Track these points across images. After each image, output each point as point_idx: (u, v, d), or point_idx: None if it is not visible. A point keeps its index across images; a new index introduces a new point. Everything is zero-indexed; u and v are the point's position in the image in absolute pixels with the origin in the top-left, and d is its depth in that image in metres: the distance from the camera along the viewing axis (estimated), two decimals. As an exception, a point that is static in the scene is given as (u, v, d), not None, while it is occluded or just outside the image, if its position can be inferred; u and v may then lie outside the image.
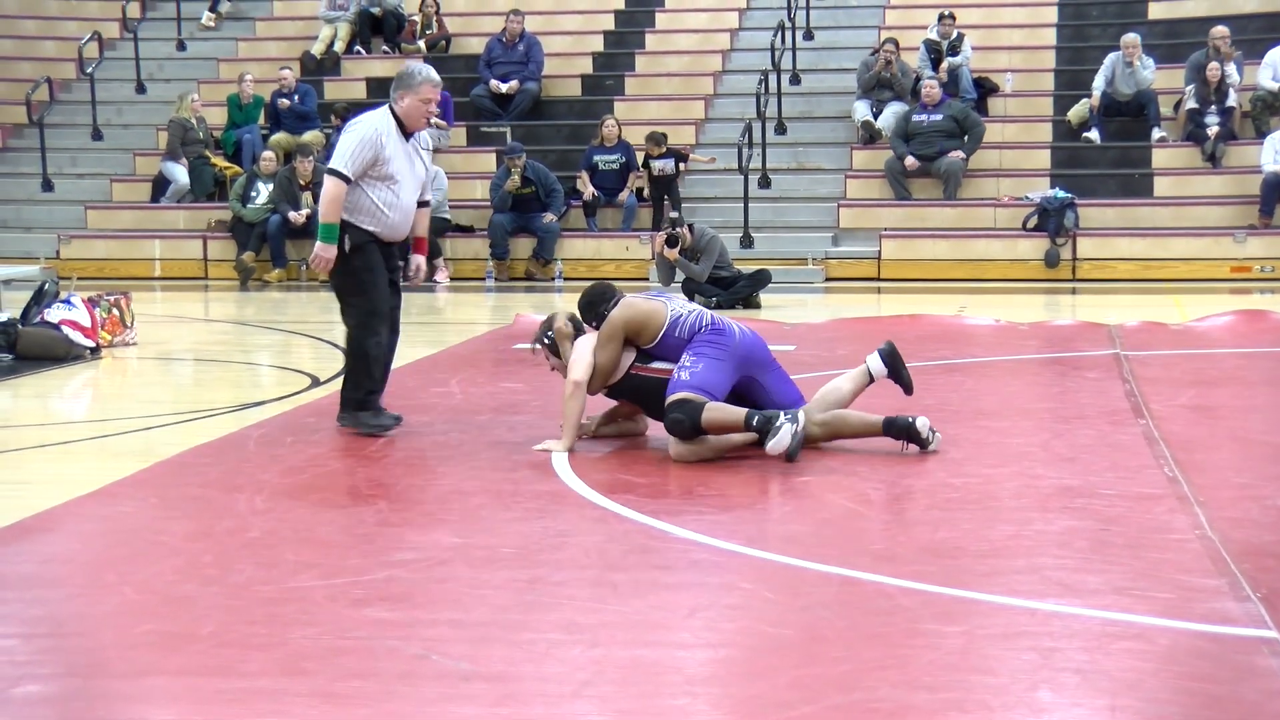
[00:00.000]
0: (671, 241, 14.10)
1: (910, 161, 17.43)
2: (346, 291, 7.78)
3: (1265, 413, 8.52)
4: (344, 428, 7.77)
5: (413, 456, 7.30)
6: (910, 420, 7.06)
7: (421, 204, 7.97)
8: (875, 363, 7.40)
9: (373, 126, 7.65)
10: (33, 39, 22.59)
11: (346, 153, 7.59)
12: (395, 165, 7.65)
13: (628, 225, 17.55)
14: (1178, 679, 4.16)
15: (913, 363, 7.72)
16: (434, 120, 18.43)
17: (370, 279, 7.70)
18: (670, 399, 6.89)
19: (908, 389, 7.50)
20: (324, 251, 7.61)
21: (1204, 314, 12.57)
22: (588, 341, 7.25)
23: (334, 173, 7.60)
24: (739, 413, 6.83)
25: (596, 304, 7.42)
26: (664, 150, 17.35)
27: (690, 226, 14.26)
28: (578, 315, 7.51)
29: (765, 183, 18.06)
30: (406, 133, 7.75)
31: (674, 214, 15.24)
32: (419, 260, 8.14)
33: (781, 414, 6.77)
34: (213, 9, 22.44)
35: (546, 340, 7.45)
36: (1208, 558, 5.27)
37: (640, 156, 17.56)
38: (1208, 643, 4.44)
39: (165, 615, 4.75)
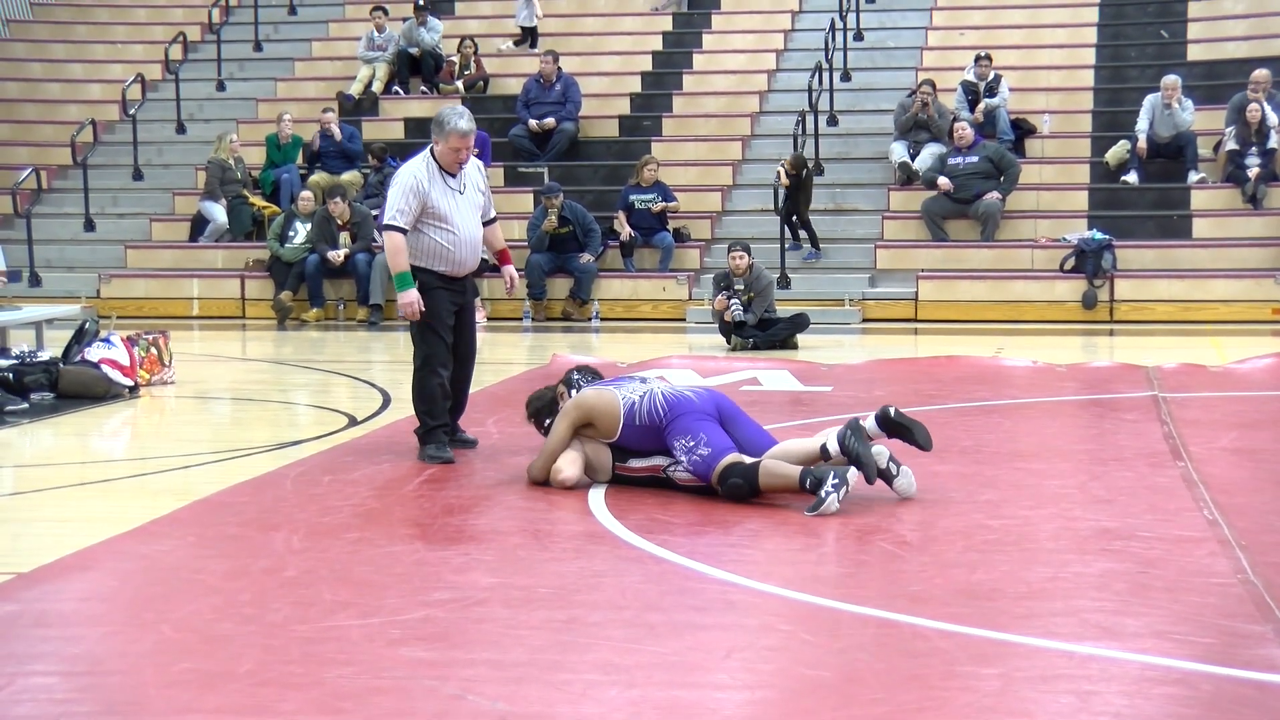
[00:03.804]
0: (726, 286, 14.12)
1: (943, 182, 17.43)
2: (411, 335, 8.20)
3: (1307, 456, 8.45)
4: (420, 461, 8.09)
5: (449, 496, 7.32)
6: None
7: (488, 223, 8.32)
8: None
9: (411, 174, 7.99)
10: (80, 82, 22.88)
11: (393, 206, 7.99)
12: (443, 205, 7.98)
13: (665, 265, 17.58)
14: (1220, 725, 4.12)
15: (950, 404, 7.69)
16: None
17: (433, 324, 8.04)
18: (718, 469, 6.92)
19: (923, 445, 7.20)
20: (404, 298, 7.97)
21: (1244, 356, 12.49)
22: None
23: (389, 227, 7.99)
24: (794, 472, 6.82)
25: (542, 411, 7.78)
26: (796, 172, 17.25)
27: (751, 263, 14.21)
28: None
29: (803, 223, 18.07)
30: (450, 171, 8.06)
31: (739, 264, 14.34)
32: (510, 270, 8.59)
33: (829, 477, 6.69)
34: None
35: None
36: (1251, 602, 5.22)
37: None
38: (1252, 690, 4.39)
39: (203, 654, 4.77)
